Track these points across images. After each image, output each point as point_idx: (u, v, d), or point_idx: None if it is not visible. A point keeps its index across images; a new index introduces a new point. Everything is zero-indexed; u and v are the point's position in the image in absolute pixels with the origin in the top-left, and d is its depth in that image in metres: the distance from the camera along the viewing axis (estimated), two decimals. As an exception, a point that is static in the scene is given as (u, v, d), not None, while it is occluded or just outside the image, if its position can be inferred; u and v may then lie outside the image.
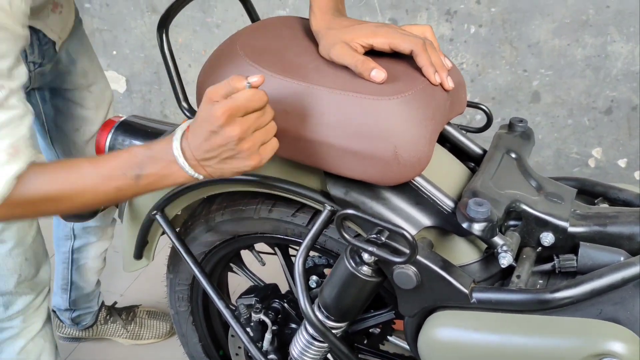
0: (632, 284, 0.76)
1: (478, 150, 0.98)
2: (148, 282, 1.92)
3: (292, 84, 0.83)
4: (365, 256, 0.83)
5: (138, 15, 2.25)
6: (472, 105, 1.03)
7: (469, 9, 1.88)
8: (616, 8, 1.74)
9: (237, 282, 1.38)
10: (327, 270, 1.25)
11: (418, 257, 0.80)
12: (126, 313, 1.70)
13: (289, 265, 1.15)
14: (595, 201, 0.94)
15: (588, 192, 0.96)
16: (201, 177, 0.80)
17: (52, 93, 1.25)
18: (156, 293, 1.88)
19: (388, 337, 1.21)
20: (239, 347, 1.23)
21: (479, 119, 2.02)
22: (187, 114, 0.93)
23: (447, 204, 0.85)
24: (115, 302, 1.73)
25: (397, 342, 1.33)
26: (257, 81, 0.74)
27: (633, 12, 1.73)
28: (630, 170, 1.97)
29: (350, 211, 0.78)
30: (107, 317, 1.67)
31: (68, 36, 1.18)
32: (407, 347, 1.31)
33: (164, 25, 0.90)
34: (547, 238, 0.84)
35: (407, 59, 0.87)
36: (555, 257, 0.84)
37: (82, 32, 1.27)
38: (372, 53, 0.87)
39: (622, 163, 1.97)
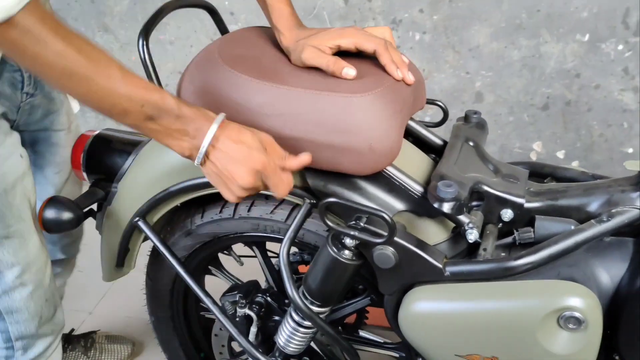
0: (583, 248, 0.87)
1: (439, 142, 1.08)
2: (116, 299, 1.93)
3: (272, 87, 0.90)
4: (347, 241, 0.90)
5: (90, 35, 2.27)
6: (430, 102, 1.13)
7: (413, 18, 2.00)
8: (546, 12, 1.90)
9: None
10: (300, 267, 1.32)
11: (395, 238, 0.88)
12: (84, 340, 1.65)
13: (267, 263, 1.21)
14: (545, 181, 1.05)
15: (538, 173, 1.06)
16: (197, 163, 0.83)
17: (34, 139, 1.20)
18: (125, 309, 1.89)
19: (362, 325, 1.29)
20: (222, 346, 1.27)
21: (427, 119, 2.14)
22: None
23: (417, 189, 0.94)
24: (73, 330, 1.69)
25: (368, 336, 1.40)
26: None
27: (561, 14, 1.89)
28: (568, 160, 2.14)
29: (333, 200, 0.85)
30: (66, 346, 1.62)
31: None
32: (378, 338, 1.40)
33: (145, 33, 0.95)
34: (507, 214, 0.94)
35: (370, 59, 0.96)
36: (515, 231, 0.93)
37: None
38: (339, 55, 0.95)
39: (560, 155, 2.13)
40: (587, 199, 0.91)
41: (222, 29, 1.16)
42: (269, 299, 1.15)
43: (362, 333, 1.32)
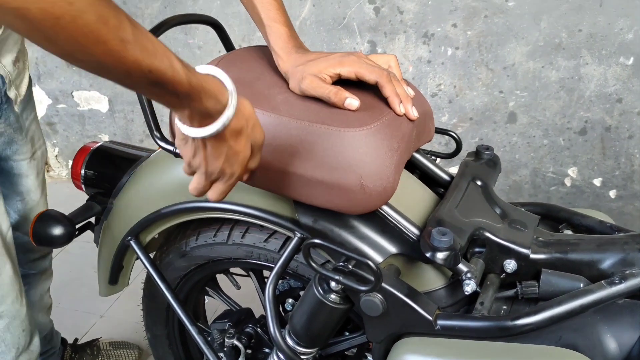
0: (591, 311, 0.78)
1: (446, 177, 1.00)
2: (128, 304, 1.91)
3: (262, 115, 0.85)
4: (333, 284, 0.85)
5: (120, 36, 2.27)
6: (442, 131, 1.06)
7: (446, 32, 1.92)
8: (588, 32, 1.78)
9: (220, 305, 1.38)
10: (302, 293, 1.27)
11: (383, 284, 0.81)
12: (90, 348, 1.63)
13: (263, 290, 1.16)
14: (560, 227, 0.96)
15: (553, 217, 0.98)
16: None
17: None
18: (135, 314, 1.87)
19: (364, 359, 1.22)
20: (215, 371, 1.23)
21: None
22: (160, 143, 0.93)
23: (413, 232, 0.87)
24: (77, 339, 1.67)
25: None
26: None
27: (605, 36, 1.77)
28: (606, 189, 2.01)
29: (316, 240, 0.79)
30: (73, 356, 1.60)
31: (24, 96, 1.10)
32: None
33: None
34: (510, 265, 0.86)
35: (373, 89, 0.89)
36: (518, 284, 0.85)
37: (32, 91, 1.17)
38: (339, 84, 0.89)
39: (597, 182, 2.01)
40: (600, 255, 0.83)
41: (229, 46, 1.11)
42: (259, 330, 1.10)
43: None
